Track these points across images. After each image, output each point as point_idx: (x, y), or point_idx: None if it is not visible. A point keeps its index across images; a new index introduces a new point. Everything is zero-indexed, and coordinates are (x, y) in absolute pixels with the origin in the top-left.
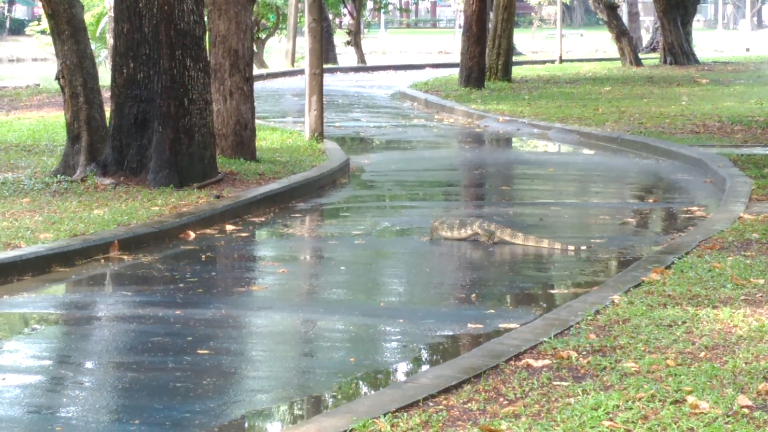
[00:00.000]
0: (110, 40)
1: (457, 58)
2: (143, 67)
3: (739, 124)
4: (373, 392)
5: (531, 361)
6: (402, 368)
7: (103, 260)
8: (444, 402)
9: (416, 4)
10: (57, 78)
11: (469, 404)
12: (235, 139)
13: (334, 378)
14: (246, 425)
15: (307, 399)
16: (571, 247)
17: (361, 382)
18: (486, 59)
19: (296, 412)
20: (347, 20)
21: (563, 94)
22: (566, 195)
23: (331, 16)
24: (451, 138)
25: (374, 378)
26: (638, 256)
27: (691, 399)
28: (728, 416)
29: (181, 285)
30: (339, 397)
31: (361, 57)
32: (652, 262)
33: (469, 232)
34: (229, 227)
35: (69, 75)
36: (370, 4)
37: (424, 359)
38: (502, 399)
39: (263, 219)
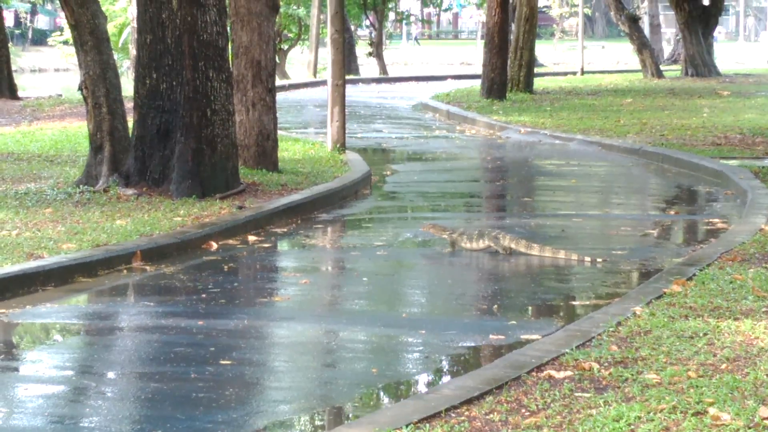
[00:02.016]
0: (133, 51)
1: (478, 69)
2: (166, 77)
3: (761, 136)
4: (395, 403)
5: (553, 373)
6: (424, 379)
7: (125, 271)
8: (466, 413)
9: (438, 15)
10: (80, 88)
11: (492, 415)
12: (257, 150)
13: (356, 389)
14: None
15: (329, 410)
16: (588, 258)
17: (383, 393)
18: (508, 71)
19: (318, 422)
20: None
21: (585, 106)
22: (588, 206)
23: (353, 27)
24: (473, 149)
25: (396, 389)
26: (660, 268)
27: (712, 411)
28: (749, 428)
29: (203, 295)
30: (361, 407)
31: (383, 68)
32: (673, 273)
33: (487, 243)
34: (251, 238)
35: (92, 85)
36: (392, 16)
37: (446, 370)
38: (524, 410)
39: (285, 230)
